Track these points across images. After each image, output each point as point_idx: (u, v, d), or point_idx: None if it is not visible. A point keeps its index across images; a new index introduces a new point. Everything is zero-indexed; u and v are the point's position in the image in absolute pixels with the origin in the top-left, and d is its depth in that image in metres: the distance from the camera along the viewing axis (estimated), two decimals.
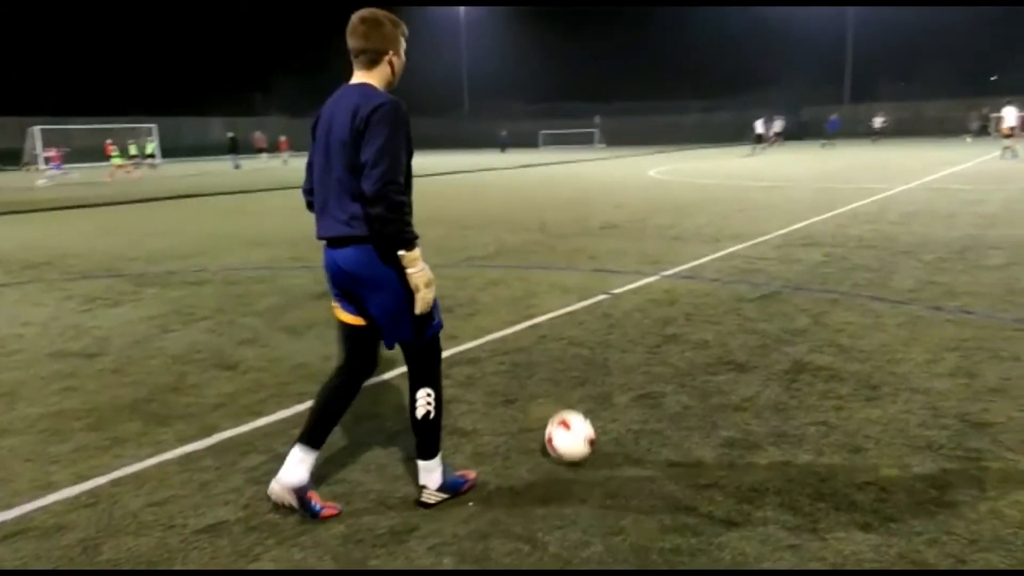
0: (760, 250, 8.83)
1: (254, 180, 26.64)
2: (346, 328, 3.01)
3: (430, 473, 3.04)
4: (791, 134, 47.39)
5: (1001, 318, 5.56)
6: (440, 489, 3.05)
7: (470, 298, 6.79)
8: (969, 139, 40.84)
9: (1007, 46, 58.47)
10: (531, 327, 5.76)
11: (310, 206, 3.03)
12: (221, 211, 16.38)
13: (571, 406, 3.75)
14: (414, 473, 3.11)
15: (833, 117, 43.56)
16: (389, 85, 2.92)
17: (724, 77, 64.17)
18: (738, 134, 47.88)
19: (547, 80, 69.51)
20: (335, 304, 3.03)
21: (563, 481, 3.20)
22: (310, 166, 2.99)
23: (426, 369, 3.00)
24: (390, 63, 2.90)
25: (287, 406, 4.17)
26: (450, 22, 70.58)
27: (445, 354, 3.74)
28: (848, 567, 2.51)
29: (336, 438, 3.56)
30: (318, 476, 3.16)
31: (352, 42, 2.85)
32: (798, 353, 4.87)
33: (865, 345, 4.99)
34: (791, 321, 5.65)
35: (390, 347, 2.99)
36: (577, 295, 6.75)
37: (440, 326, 3.01)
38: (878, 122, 44.73)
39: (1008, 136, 24.25)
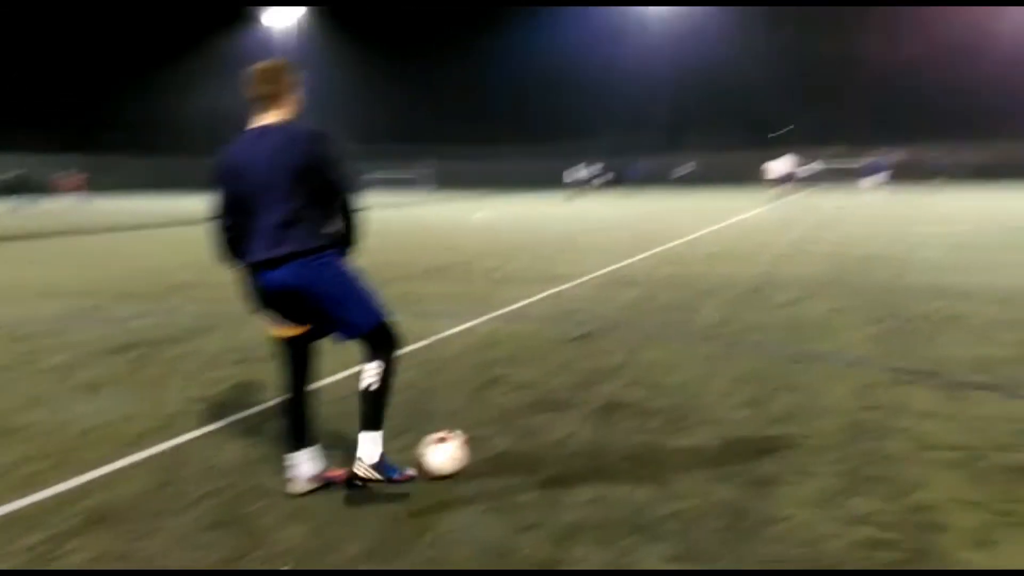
0: (581, 290, 9.23)
1: (44, 224, 24.43)
2: (290, 341, 3.45)
3: (369, 446, 3.31)
4: (610, 180, 50.28)
5: (788, 350, 6.13)
6: (374, 467, 3.29)
7: None
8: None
9: (800, 99, 65.51)
10: (351, 376, 5.64)
11: (232, 242, 3.44)
12: (3, 259, 14.87)
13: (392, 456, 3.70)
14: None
15: (636, 164, 46.91)
16: (296, 117, 3.45)
17: (547, 124, 66.88)
18: (559, 179, 50.04)
19: (376, 122, 69.39)
20: (275, 325, 3.43)
21: (385, 531, 3.14)
22: (227, 206, 3.39)
23: (381, 348, 3.37)
24: (295, 100, 3.47)
25: (73, 476, 3.79)
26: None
27: (257, 408, 3.60)
28: None
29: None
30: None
31: (260, 88, 3.37)
32: (613, 390, 5.10)
33: (672, 380, 5.31)
34: (607, 359, 5.92)
35: (349, 338, 3.38)
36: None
37: (386, 310, 3.41)
38: (682, 170, 48.41)
39: (777, 184, 26.97)
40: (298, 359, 3.50)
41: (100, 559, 2.95)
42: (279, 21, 64.99)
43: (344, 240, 3.42)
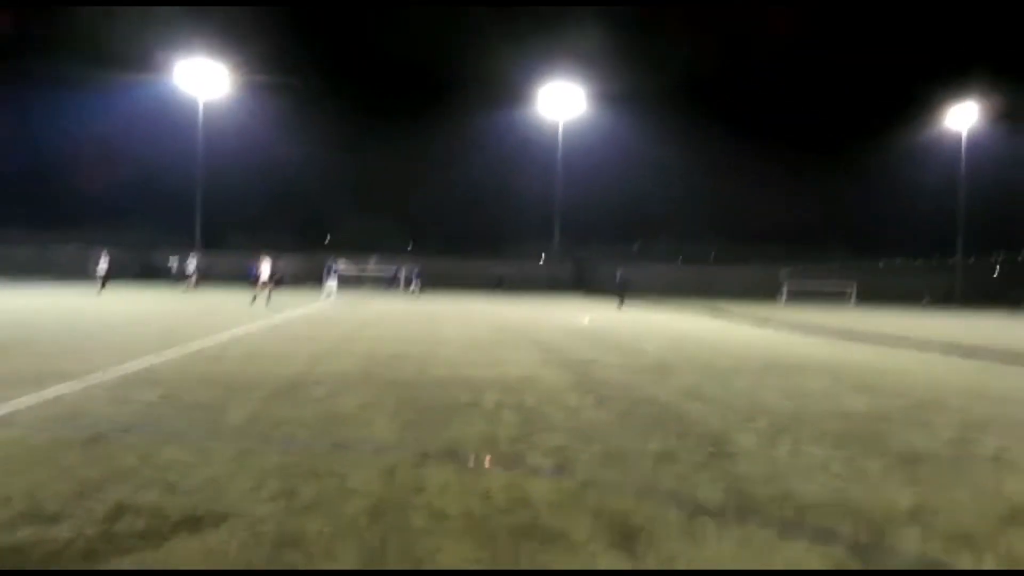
0: (90, 392, 8.07)
1: None
2: None
3: None
4: (139, 273, 46.41)
5: (320, 442, 6.11)
6: None
7: None
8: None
9: (341, 209, 69.10)
10: None
11: None
12: None
13: None
14: None
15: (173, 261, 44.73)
16: None
17: (65, 211, 59.63)
18: (82, 269, 44.60)
19: None
20: None
21: None
22: None
23: None
24: None
25: None
26: None
27: None
28: None
29: None
30: None
31: None
32: (120, 495, 4.46)
33: (192, 480, 4.86)
34: (115, 463, 5.19)
35: None
36: None
37: None
38: (191, 265, 45.55)
39: (262, 285, 27.54)
40: None
41: None
42: None
43: None
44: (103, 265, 34.04)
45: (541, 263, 64.31)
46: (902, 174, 67.64)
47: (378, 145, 69.43)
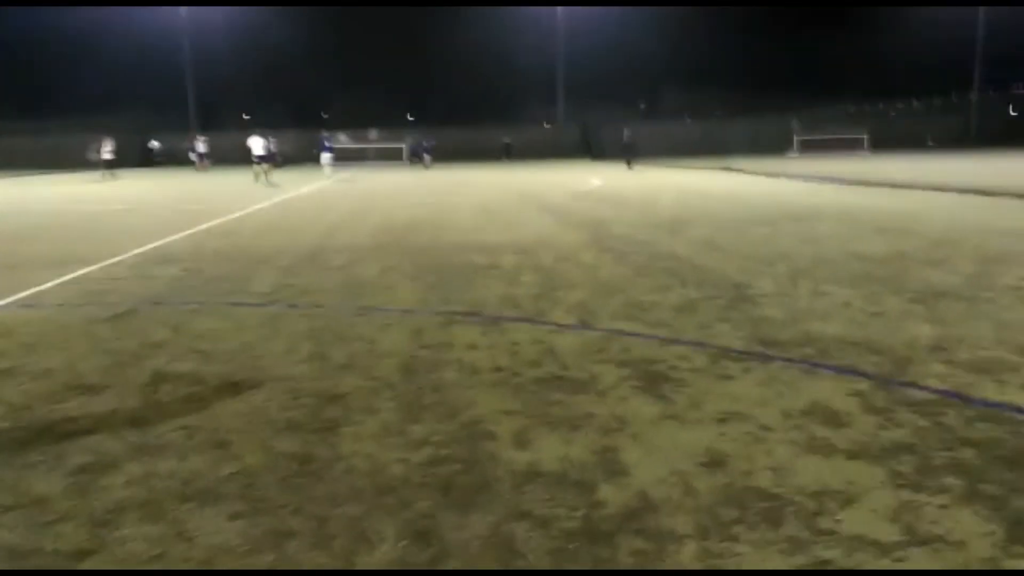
0: (113, 271, 8.16)
1: None
2: None
3: None
4: (140, 160, 45.82)
5: (344, 307, 6.19)
6: None
7: None
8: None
9: (335, 85, 67.28)
10: None
11: None
12: None
13: None
14: None
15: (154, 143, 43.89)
16: None
17: (55, 98, 58.30)
18: (76, 158, 44.06)
19: None
20: None
21: None
22: None
23: None
24: None
25: None
26: None
27: None
28: (217, 559, 2.37)
29: None
30: None
31: None
32: (157, 364, 4.57)
33: (227, 347, 4.97)
34: (149, 336, 5.29)
35: None
36: None
37: None
38: (201, 147, 44.45)
39: (258, 163, 27.23)
40: None
41: None
42: None
43: None
44: (107, 151, 33.50)
45: (547, 127, 62.96)
46: (915, 7, 64.11)
47: (368, 14, 66.55)
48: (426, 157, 43.77)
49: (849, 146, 50.10)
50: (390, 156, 52.38)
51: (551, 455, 3.15)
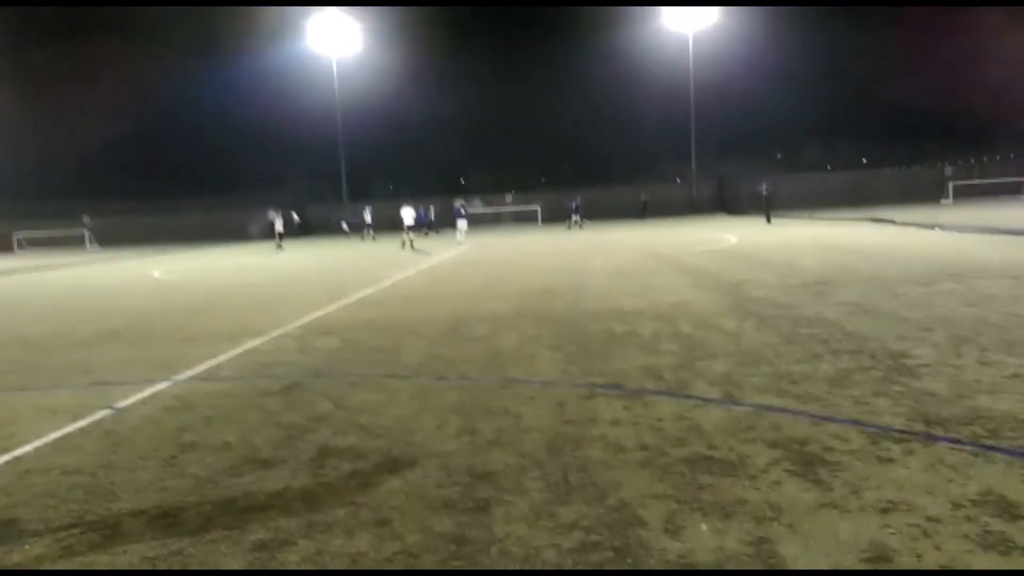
0: (279, 343, 8.80)
1: None
2: None
3: None
4: (300, 230, 49.22)
5: (488, 379, 6.39)
6: None
7: None
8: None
9: (473, 156, 70.18)
10: (9, 462, 4.77)
11: None
12: None
13: (68, 548, 3.15)
14: None
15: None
16: None
17: (224, 176, 64.00)
18: (242, 232, 47.82)
19: (19, 175, 60.77)
20: None
21: None
22: None
23: None
24: None
25: None
26: None
27: None
28: None
29: None
30: None
31: None
32: (322, 439, 4.89)
33: (383, 421, 5.25)
34: (313, 409, 5.68)
35: None
36: (70, 415, 5.83)
37: None
38: (368, 217, 47.10)
39: (407, 231, 28.67)
40: None
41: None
42: None
43: None
44: (278, 224, 36.14)
45: (678, 183, 62.47)
46: None
47: (497, 87, 69.28)
48: (575, 217, 42.60)
49: (1009, 191, 46.55)
50: (524, 218, 53.62)
51: (704, 545, 3.13)
